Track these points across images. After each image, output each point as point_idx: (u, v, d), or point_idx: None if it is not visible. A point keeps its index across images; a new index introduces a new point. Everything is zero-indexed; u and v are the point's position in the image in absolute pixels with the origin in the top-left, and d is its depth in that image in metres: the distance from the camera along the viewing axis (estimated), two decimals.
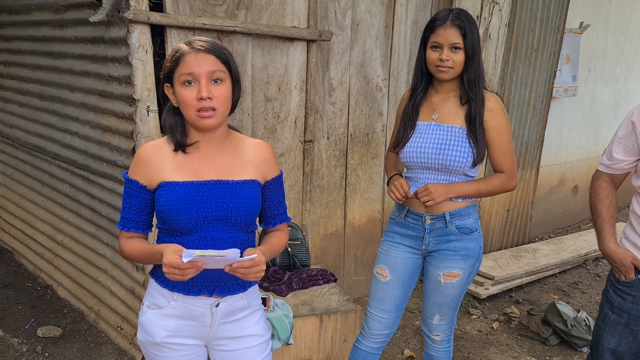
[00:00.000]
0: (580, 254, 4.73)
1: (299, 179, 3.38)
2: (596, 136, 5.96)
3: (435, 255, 2.19)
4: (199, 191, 1.55)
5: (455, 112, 2.12)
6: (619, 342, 2.00)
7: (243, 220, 1.60)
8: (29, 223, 4.08)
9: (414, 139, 2.15)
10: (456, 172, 2.11)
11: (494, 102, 2.09)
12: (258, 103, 3.09)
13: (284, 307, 2.61)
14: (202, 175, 1.57)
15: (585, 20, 5.19)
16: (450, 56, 2.01)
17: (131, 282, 3.02)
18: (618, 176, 2.07)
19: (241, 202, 1.58)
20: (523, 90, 4.53)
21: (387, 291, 2.29)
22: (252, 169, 1.64)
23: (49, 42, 3.32)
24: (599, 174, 2.11)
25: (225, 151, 1.62)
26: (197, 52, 1.50)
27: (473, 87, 2.05)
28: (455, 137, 2.09)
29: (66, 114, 3.32)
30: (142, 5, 2.49)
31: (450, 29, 2.00)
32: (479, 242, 2.20)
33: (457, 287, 2.20)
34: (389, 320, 2.32)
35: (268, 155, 1.69)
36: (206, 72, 1.49)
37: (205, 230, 1.57)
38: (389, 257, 2.28)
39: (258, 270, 1.47)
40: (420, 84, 2.16)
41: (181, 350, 1.66)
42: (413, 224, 2.21)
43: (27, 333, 3.26)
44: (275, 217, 1.75)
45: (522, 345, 3.47)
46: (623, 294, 1.98)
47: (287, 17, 3.08)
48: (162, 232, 1.63)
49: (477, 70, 2.05)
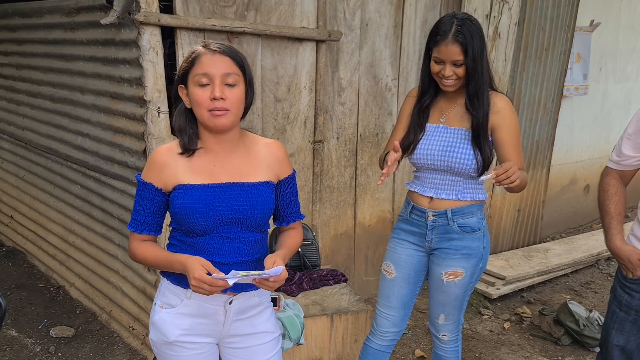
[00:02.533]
0: (592, 253, 4.70)
1: (309, 179, 3.39)
2: (608, 135, 5.91)
3: (438, 254, 2.20)
4: (215, 194, 1.57)
5: (462, 115, 2.13)
6: (628, 340, 1.99)
7: (258, 221, 1.62)
8: (42, 224, 4.12)
9: (423, 141, 2.16)
10: (462, 174, 2.12)
11: (502, 102, 2.09)
12: (268, 104, 3.10)
13: (294, 307, 2.61)
14: (217, 178, 1.59)
15: (596, 18, 5.16)
16: (454, 70, 2.02)
17: (143, 283, 3.04)
18: (627, 173, 2.07)
19: (256, 204, 1.60)
20: (533, 89, 4.51)
21: (393, 288, 2.30)
22: (266, 169, 1.66)
23: (60, 45, 3.35)
24: (607, 171, 2.11)
25: (239, 153, 1.63)
26: (212, 53, 1.52)
27: (475, 101, 2.05)
28: (460, 139, 2.10)
29: (78, 116, 3.34)
30: (152, 7, 2.51)
31: (452, 46, 1.98)
32: (482, 241, 2.19)
33: (459, 287, 2.20)
34: (397, 318, 2.32)
35: (281, 154, 1.70)
36: (221, 74, 1.50)
37: (221, 231, 1.59)
38: (394, 253, 2.30)
39: (282, 279, 1.53)
40: (429, 91, 2.17)
41: (195, 349, 1.67)
42: (417, 220, 2.22)
43: (40, 333, 3.29)
44: (289, 215, 1.77)
45: (534, 345, 3.45)
46: (631, 291, 1.97)
47: (296, 18, 3.08)
48: (177, 231, 1.64)
49: (479, 83, 2.04)
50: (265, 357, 1.75)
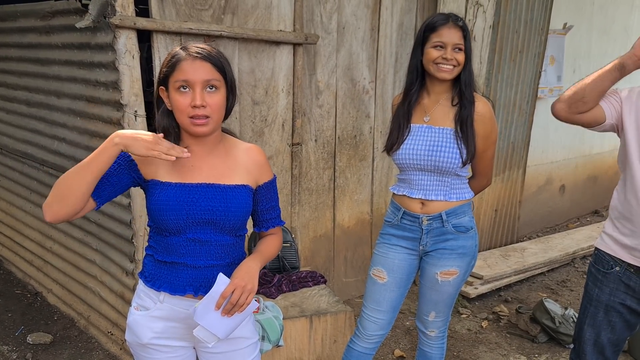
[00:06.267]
0: (568, 252, 4.78)
1: (287, 182, 3.40)
2: (582, 135, 6.02)
3: (433, 255, 2.23)
4: (190, 193, 1.57)
5: (446, 114, 2.15)
6: (599, 334, 2.04)
7: (232, 224, 1.62)
8: (18, 230, 4.07)
9: (408, 141, 2.18)
10: (448, 173, 2.14)
11: (483, 107, 2.13)
12: (245, 107, 3.11)
13: (273, 309, 2.61)
14: (194, 178, 1.59)
15: (569, 22, 5.26)
16: (454, 55, 2.06)
17: (121, 288, 3.03)
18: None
19: (230, 206, 1.60)
20: (508, 91, 4.58)
21: (385, 293, 2.31)
22: (244, 173, 1.66)
23: (35, 49, 3.32)
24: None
25: (217, 155, 1.64)
26: (193, 59, 1.50)
27: (469, 88, 2.11)
28: (446, 138, 2.13)
29: (54, 120, 3.32)
30: (128, 10, 2.51)
31: (454, 30, 2.05)
32: (475, 239, 2.24)
33: (453, 285, 2.24)
34: (385, 321, 2.34)
35: (260, 159, 1.70)
36: (201, 80, 1.50)
37: (194, 232, 1.59)
38: (387, 259, 2.30)
39: (247, 291, 1.53)
40: (415, 84, 2.19)
41: (168, 352, 1.68)
42: (410, 226, 2.24)
43: (17, 340, 3.25)
44: (268, 220, 1.77)
45: (511, 343, 3.50)
46: (601, 285, 2.02)
47: (273, 21, 3.10)
48: (153, 230, 1.65)
49: (472, 73, 2.12)
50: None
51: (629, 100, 1.93)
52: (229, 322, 1.55)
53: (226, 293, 1.51)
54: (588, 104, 1.91)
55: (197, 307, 1.51)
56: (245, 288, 1.53)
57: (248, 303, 1.54)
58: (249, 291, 1.54)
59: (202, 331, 1.53)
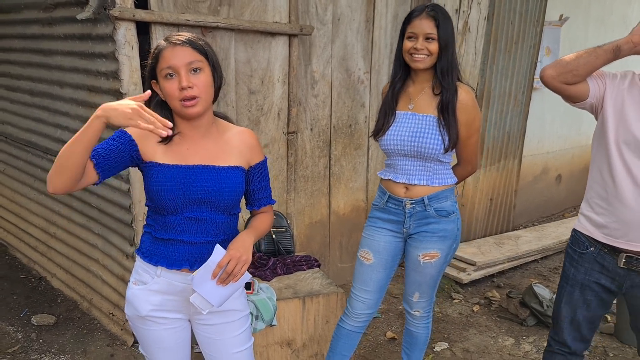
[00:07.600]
0: (561, 240, 4.86)
1: (283, 169, 3.49)
2: (578, 126, 6.08)
3: (416, 237, 2.32)
4: (186, 175, 1.67)
5: (429, 102, 2.24)
6: (575, 312, 2.13)
7: (226, 203, 1.73)
8: (23, 217, 4.19)
9: (393, 128, 2.28)
10: (431, 159, 2.23)
11: (465, 95, 2.20)
12: (242, 96, 3.20)
13: (267, 290, 2.72)
14: (190, 160, 1.70)
15: (565, 13, 5.31)
16: (425, 45, 2.14)
17: (122, 270, 3.14)
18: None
19: (224, 187, 1.71)
20: (504, 82, 4.64)
21: (371, 273, 2.41)
22: (237, 155, 1.76)
23: (38, 40, 3.42)
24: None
25: (211, 138, 1.74)
26: (173, 46, 1.61)
27: (446, 77, 2.17)
28: (428, 125, 2.21)
29: (56, 109, 3.42)
30: (127, 2, 2.60)
31: (426, 20, 2.14)
32: (457, 224, 2.33)
33: (435, 267, 2.33)
34: (372, 301, 2.45)
35: (252, 141, 1.81)
36: (184, 64, 1.60)
37: (190, 211, 1.70)
38: (373, 241, 2.40)
39: (242, 262, 1.63)
40: (399, 73, 2.29)
41: (166, 324, 1.78)
42: (394, 209, 2.34)
43: (21, 321, 3.37)
44: (260, 199, 1.88)
45: (500, 326, 3.60)
46: (577, 264, 2.11)
47: (268, 13, 3.18)
48: (151, 210, 1.76)
49: (450, 61, 2.18)
50: (234, 334, 1.86)
51: (613, 84, 1.98)
52: (223, 292, 1.65)
53: (222, 263, 1.62)
54: (577, 78, 1.95)
55: (195, 275, 1.61)
56: (240, 259, 1.64)
57: (242, 273, 1.65)
58: (244, 262, 1.64)
59: (198, 298, 1.63)
